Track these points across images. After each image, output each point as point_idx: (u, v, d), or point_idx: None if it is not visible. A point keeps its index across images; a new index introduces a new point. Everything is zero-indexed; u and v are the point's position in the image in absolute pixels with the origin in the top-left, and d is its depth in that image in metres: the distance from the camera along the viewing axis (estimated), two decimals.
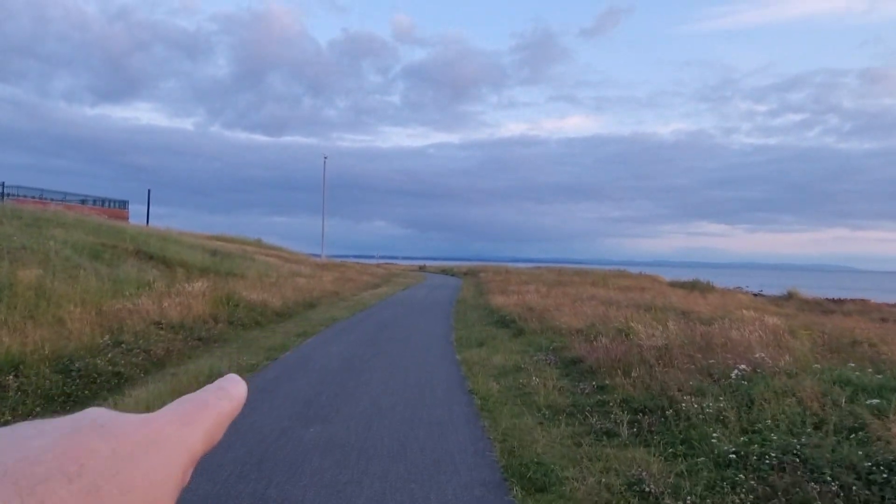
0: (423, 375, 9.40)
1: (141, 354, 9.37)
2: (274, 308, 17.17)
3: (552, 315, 15.55)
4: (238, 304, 15.63)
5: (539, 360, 10.63)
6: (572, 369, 9.78)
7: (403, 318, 17.91)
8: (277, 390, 8.11)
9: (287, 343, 12.17)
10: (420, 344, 12.80)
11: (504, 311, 17.88)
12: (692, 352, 9.58)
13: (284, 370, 9.53)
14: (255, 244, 52.85)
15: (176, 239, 31.02)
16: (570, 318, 14.59)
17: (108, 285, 14.23)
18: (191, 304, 13.60)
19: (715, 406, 6.60)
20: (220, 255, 30.93)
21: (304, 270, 36.84)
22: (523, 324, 15.01)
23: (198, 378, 8.01)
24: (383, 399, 7.75)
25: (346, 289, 30.23)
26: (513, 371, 9.84)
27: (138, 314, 11.76)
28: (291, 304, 19.20)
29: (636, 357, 9.54)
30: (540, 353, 11.34)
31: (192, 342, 11.34)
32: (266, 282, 24.58)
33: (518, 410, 7.39)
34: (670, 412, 6.70)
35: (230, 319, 14.09)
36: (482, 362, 10.51)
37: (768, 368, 8.05)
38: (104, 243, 22.59)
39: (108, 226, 27.25)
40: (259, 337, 12.93)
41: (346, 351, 11.49)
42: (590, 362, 9.65)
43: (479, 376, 9.28)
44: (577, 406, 7.44)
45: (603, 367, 9.22)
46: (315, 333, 13.95)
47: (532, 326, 14.39)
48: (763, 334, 11.26)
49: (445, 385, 8.78)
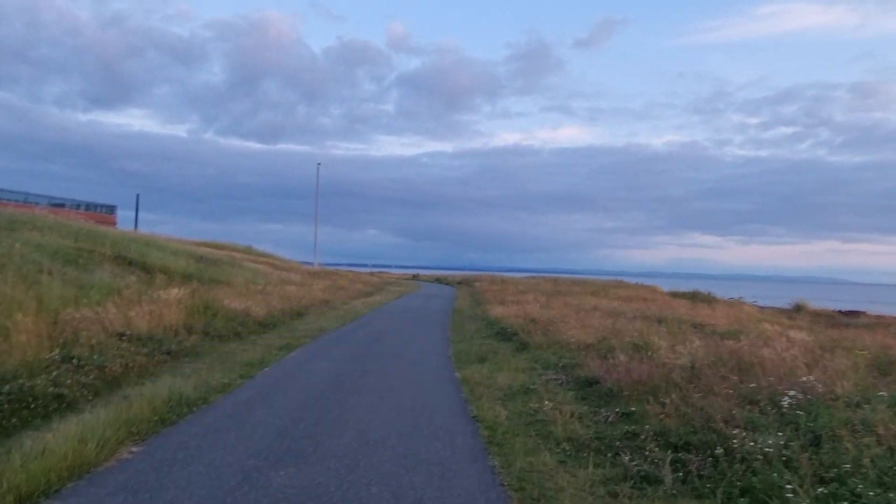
0: (419, 398, 8.19)
1: (93, 372, 8.12)
2: (257, 317, 15.92)
3: (558, 327, 14.36)
4: (216, 314, 14.38)
5: (549, 380, 9.44)
6: (589, 392, 8.59)
7: (397, 330, 16.68)
8: (248, 417, 6.88)
9: (267, 358, 10.93)
10: (415, 359, 11.59)
11: (504, 323, 16.69)
12: (725, 373, 8.41)
13: (260, 391, 8.30)
14: (245, 251, 51.64)
15: (161, 244, 29.81)
16: (578, 331, 13.40)
17: (73, 291, 12.97)
18: (163, 314, 12.35)
19: (776, 444, 5.42)
20: (206, 262, 29.73)
21: (295, 278, 35.61)
22: (527, 337, 13.82)
23: (152, 403, 6.77)
24: (372, 429, 6.53)
25: (337, 297, 28.99)
26: (521, 393, 8.64)
27: (100, 324, 10.50)
28: (277, 314, 17.95)
29: (662, 378, 8.36)
30: (549, 372, 10.15)
31: (159, 356, 10.09)
32: (253, 289, 23.37)
33: (533, 444, 6.19)
34: (720, 451, 5.51)
35: (206, 330, 12.83)
36: (485, 382, 9.32)
37: (822, 395, 6.89)
38: (81, 248, 21.36)
39: (88, 230, 26.03)
40: (237, 350, 11.68)
41: (333, 367, 10.26)
42: (609, 384, 8.47)
43: (483, 399, 8.08)
44: (602, 439, 6.25)
45: (625, 390, 8.04)
46: (300, 346, 12.72)
47: (537, 340, 13.20)
48: (797, 352, 10.12)
49: (445, 410, 7.57)
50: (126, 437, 5.76)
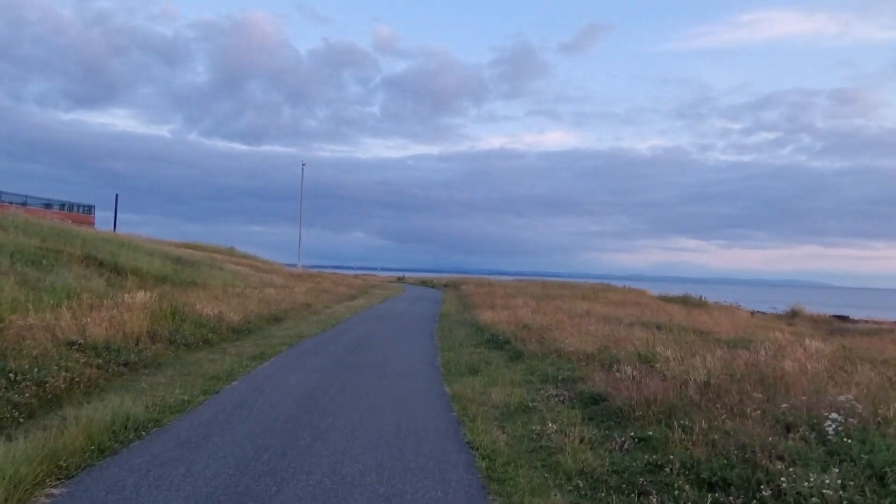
0: (405, 419, 7.20)
1: (31, 389, 7.06)
2: (231, 323, 14.85)
3: (553, 335, 13.44)
4: (185, 319, 13.29)
5: (550, 396, 8.50)
6: (595, 411, 7.65)
7: (380, 337, 15.68)
8: (203, 445, 5.86)
9: (236, 369, 9.89)
10: (399, 371, 10.60)
11: (495, 329, 15.74)
12: (748, 389, 7.52)
13: (222, 410, 7.27)
14: (227, 252, 50.34)
15: (136, 245, 28.63)
16: (576, 340, 12.49)
17: (26, 294, 11.86)
18: (125, 320, 11.26)
19: (833, 483, 4.52)
20: (183, 263, 28.61)
21: (277, 280, 34.47)
22: (520, 345, 12.88)
23: (90, 428, 5.73)
24: (349, 461, 5.54)
25: (319, 301, 27.91)
26: (520, 412, 7.69)
27: (50, 332, 9.42)
28: (254, 319, 16.88)
29: (677, 396, 7.45)
30: (549, 386, 9.21)
31: (115, 369, 9.02)
32: (230, 292, 22.31)
33: (540, 480, 5.23)
34: (767, 492, 4.60)
35: (172, 338, 11.75)
36: (478, 398, 8.36)
37: (867, 419, 6.01)
38: (48, 248, 20.18)
39: (60, 229, 24.85)
40: (204, 360, 10.62)
41: (308, 381, 9.25)
42: (618, 402, 7.53)
43: (477, 420, 7.12)
44: (621, 473, 5.31)
45: (637, 410, 7.11)
46: (274, 355, 11.68)
47: (531, 349, 12.26)
48: (820, 365, 9.27)
49: (435, 435, 6.59)
50: (48, 474, 4.73)
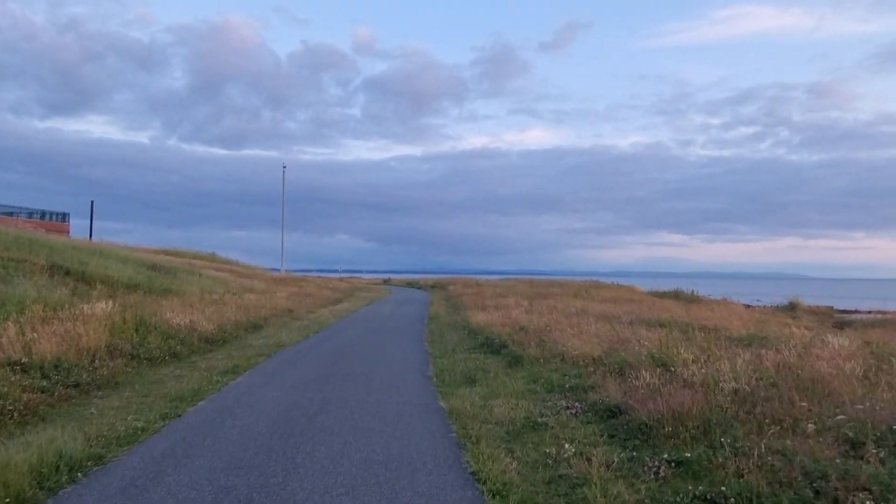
0: (396, 445, 6.17)
1: None
2: (204, 333, 13.70)
3: (553, 337, 12.46)
4: (151, 331, 12.13)
5: (560, 409, 7.51)
6: (615, 426, 6.67)
7: (367, 343, 14.60)
8: (151, 490, 4.78)
9: (204, 387, 8.79)
10: (388, 382, 9.55)
11: (489, 332, 14.74)
12: (790, 397, 6.57)
13: (182, 440, 6.19)
14: (207, 258, 49.02)
15: (110, 252, 27.39)
16: (578, 341, 11.51)
17: None
18: (81, 333, 10.12)
19: None
20: (159, 270, 27.39)
21: (258, 286, 33.29)
22: (518, 349, 11.88)
23: (5, 475, 4.63)
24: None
25: (302, 305, 26.79)
26: (528, 429, 6.69)
27: None
28: (230, 327, 15.74)
29: (708, 406, 6.48)
30: (555, 396, 8.23)
31: (63, 391, 7.88)
32: (208, 299, 21.16)
33: None
34: None
35: (135, 352, 10.61)
36: (479, 413, 7.34)
37: None
38: (11, 257, 18.96)
39: (26, 238, 23.54)
40: (168, 377, 9.50)
41: (286, 398, 8.17)
42: (641, 415, 6.55)
43: (481, 443, 6.10)
44: None
45: (665, 425, 6.13)
46: (250, 368, 10.59)
47: (531, 353, 11.26)
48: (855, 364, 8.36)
49: (432, 464, 5.56)
50: None
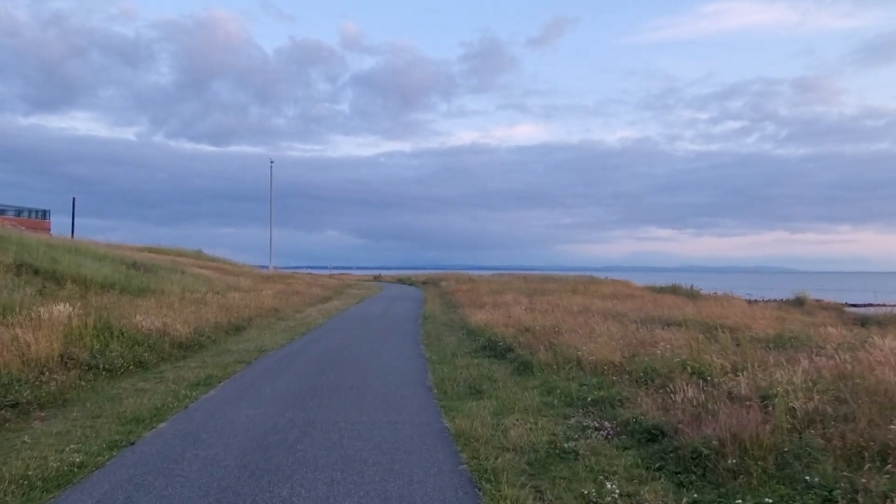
0: (394, 483, 4.95)
1: None
2: (178, 337, 12.42)
3: (562, 339, 11.28)
4: (116, 336, 10.83)
5: (586, 429, 6.33)
6: (660, 454, 5.48)
7: (358, 347, 13.37)
8: None
9: (168, 403, 7.53)
10: (383, 397, 8.33)
11: (491, 333, 13.54)
12: (873, 417, 5.42)
13: (128, 480, 4.95)
14: (193, 255, 47.72)
15: (87, 250, 26.02)
16: (592, 344, 10.33)
17: None
18: (29, 342, 8.84)
19: None
20: (139, 268, 26.05)
21: (244, 283, 32.00)
22: (526, 353, 10.69)
23: None
24: None
25: (289, 304, 25.52)
26: (554, 458, 5.50)
27: None
28: (209, 330, 14.46)
29: (782, 432, 5.31)
30: (577, 412, 7.06)
31: None
32: (189, 299, 19.89)
33: None
34: None
35: (94, 362, 9.33)
36: (491, 436, 6.14)
37: None
38: None
39: None
40: (128, 392, 8.24)
41: (262, 419, 6.94)
42: (693, 441, 5.37)
43: (501, 480, 4.89)
44: None
45: (728, 455, 4.96)
46: (225, 378, 9.35)
47: (542, 358, 10.07)
48: None
49: None
50: None
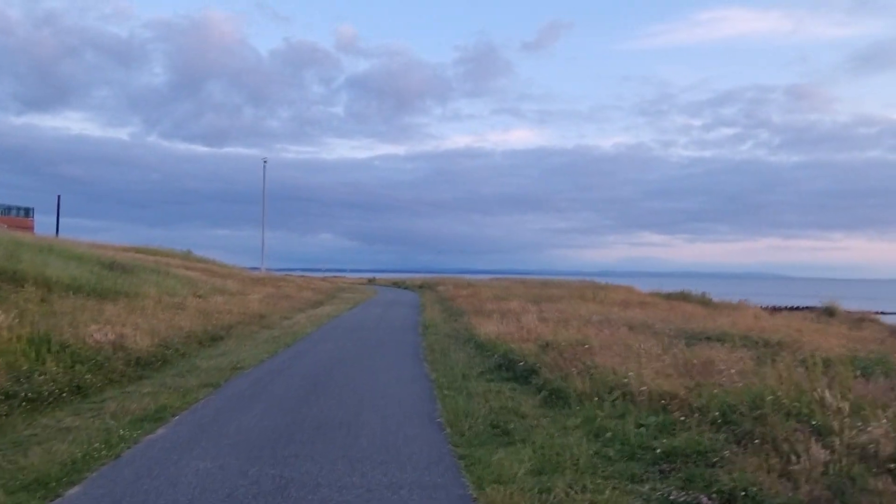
0: None
1: None
2: (136, 351, 10.46)
3: (596, 359, 9.37)
4: (54, 352, 8.87)
5: None
6: None
7: (350, 364, 11.41)
8: None
9: (94, 452, 5.58)
10: (381, 439, 6.38)
11: (505, 348, 11.60)
12: None
13: None
14: (181, 256, 45.82)
15: (63, 249, 24.06)
16: (637, 366, 8.42)
17: None
18: None
19: None
20: (118, 269, 24.05)
21: (231, 286, 30.00)
22: (557, 378, 8.74)
23: None
24: None
25: (277, 309, 23.54)
26: None
27: None
28: (178, 341, 12.52)
29: None
30: (651, 473, 5.16)
31: None
32: (166, 303, 17.97)
33: None
34: None
35: (14, 390, 7.37)
36: None
37: None
38: None
39: None
40: (46, 433, 6.27)
41: (215, 478, 4.99)
42: None
43: None
44: None
45: None
46: (181, 410, 7.40)
47: (577, 385, 8.14)
48: None
49: None
50: None
